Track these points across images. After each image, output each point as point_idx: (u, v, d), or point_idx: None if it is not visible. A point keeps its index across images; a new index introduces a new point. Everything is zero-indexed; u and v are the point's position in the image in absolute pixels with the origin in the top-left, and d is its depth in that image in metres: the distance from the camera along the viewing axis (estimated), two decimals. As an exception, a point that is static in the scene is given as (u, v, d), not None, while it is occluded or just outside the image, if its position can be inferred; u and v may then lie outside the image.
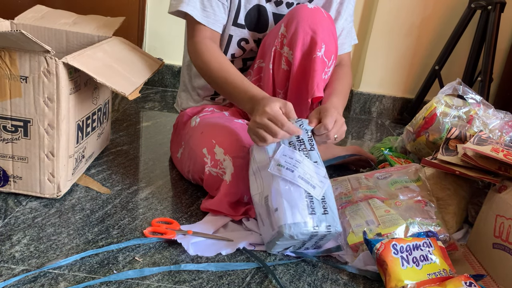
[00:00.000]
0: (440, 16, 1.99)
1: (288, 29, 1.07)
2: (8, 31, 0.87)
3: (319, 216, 0.87)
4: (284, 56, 1.10)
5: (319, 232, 0.87)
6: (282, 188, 0.89)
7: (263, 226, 0.94)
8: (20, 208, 0.99)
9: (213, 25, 1.10)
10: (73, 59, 0.96)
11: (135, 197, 1.10)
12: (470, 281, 0.83)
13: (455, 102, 1.32)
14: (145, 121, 1.64)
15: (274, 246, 0.91)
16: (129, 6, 1.93)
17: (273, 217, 0.88)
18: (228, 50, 1.18)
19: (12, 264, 0.82)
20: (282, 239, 0.88)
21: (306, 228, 0.86)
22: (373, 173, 1.10)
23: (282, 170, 0.90)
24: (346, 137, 1.81)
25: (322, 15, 1.07)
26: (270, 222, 0.89)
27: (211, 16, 1.10)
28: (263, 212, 0.93)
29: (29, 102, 0.96)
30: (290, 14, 1.08)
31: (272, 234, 0.89)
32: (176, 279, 0.84)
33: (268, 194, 0.91)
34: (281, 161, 0.91)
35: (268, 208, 0.90)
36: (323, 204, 0.89)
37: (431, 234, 0.94)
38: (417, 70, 2.07)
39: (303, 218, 0.86)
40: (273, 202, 0.89)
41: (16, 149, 0.99)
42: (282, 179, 0.90)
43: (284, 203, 0.87)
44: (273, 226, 0.88)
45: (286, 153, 0.93)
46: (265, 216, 0.92)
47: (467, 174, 1.02)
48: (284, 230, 0.85)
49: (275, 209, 0.88)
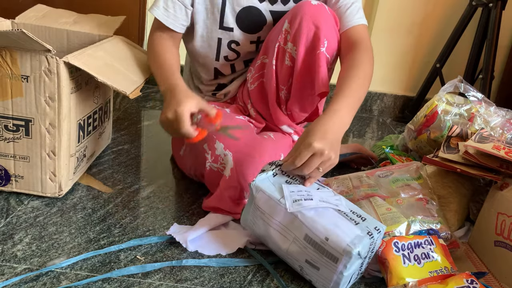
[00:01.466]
0: (441, 13, 1.99)
1: (292, 25, 1.08)
2: (9, 31, 0.87)
3: (362, 224, 0.83)
4: (288, 52, 1.10)
5: (374, 237, 0.82)
6: (315, 217, 0.82)
7: (318, 272, 0.83)
8: (22, 207, 1.00)
9: (172, 25, 1.14)
10: (74, 58, 0.96)
11: (137, 196, 1.11)
12: (472, 279, 0.83)
13: (457, 100, 1.32)
14: (146, 120, 1.64)
15: (339, 287, 0.82)
16: (130, 5, 1.93)
17: (328, 247, 0.80)
18: (220, 52, 1.19)
19: (14, 263, 0.82)
20: (349, 267, 0.80)
21: (365, 238, 0.80)
22: (374, 171, 1.10)
23: (302, 203, 0.84)
24: (347, 135, 1.81)
25: (326, 12, 1.07)
26: (327, 256, 0.81)
27: (171, 17, 1.13)
28: (312, 254, 0.83)
29: (30, 102, 0.96)
30: (293, 10, 1.09)
31: (337, 269, 0.80)
32: (178, 277, 0.84)
33: (306, 232, 0.82)
34: (295, 197, 0.85)
35: (316, 245, 0.82)
36: (355, 214, 0.85)
37: (433, 232, 0.94)
38: (418, 68, 2.07)
39: (355, 232, 0.81)
40: (319, 234, 0.81)
41: (17, 148, 0.99)
42: (307, 210, 0.83)
43: (330, 227, 0.81)
44: (334, 256, 0.80)
45: (293, 189, 0.87)
46: (317, 257, 0.82)
47: (468, 172, 1.02)
48: (352, 250, 0.78)
49: (325, 238, 0.80)
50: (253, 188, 0.89)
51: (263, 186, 0.88)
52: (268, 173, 0.91)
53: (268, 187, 0.88)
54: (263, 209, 0.88)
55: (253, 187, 0.89)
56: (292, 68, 1.11)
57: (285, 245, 0.86)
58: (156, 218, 1.02)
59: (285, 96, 1.16)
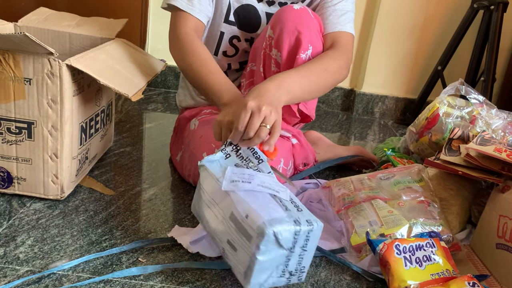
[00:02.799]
0: (443, 16, 1.99)
1: (274, 31, 1.07)
2: (12, 34, 0.87)
3: (294, 213, 0.76)
4: (273, 58, 1.09)
5: (302, 229, 0.74)
6: (245, 197, 0.77)
7: (236, 254, 0.77)
8: (24, 210, 1.00)
9: (198, 14, 1.09)
10: (76, 61, 0.96)
11: (138, 198, 1.11)
12: (474, 281, 0.83)
13: (458, 103, 1.32)
14: (148, 122, 1.65)
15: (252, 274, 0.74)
16: (132, 8, 1.93)
17: (246, 225, 0.74)
18: (220, 47, 1.19)
19: (17, 265, 0.82)
20: (263, 250, 0.72)
21: (287, 223, 0.73)
22: (376, 174, 1.10)
23: (238, 185, 0.80)
24: (349, 137, 1.82)
25: (309, 16, 1.06)
26: (244, 235, 0.75)
27: (196, 5, 1.09)
28: (233, 234, 0.77)
29: (32, 104, 0.97)
30: (276, 16, 1.08)
31: (251, 250, 0.73)
32: (180, 280, 0.84)
33: (232, 210, 0.77)
34: (234, 178, 0.81)
35: (237, 223, 0.76)
36: (293, 203, 0.79)
37: (434, 235, 0.94)
38: (420, 70, 2.07)
39: (278, 215, 0.74)
40: (241, 212, 0.75)
41: (20, 150, 1.00)
42: (242, 191, 0.78)
43: (254, 206, 0.75)
44: (249, 234, 0.74)
45: (236, 171, 0.83)
46: (237, 237, 0.77)
47: (470, 175, 1.02)
48: (265, 228, 0.71)
49: (245, 216, 0.74)
50: (199, 167, 0.87)
51: (209, 166, 0.85)
52: (219, 154, 0.87)
53: (214, 167, 0.85)
54: (204, 188, 0.85)
55: (200, 166, 0.87)
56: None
57: (214, 223, 0.82)
58: (158, 220, 1.02)
59: None
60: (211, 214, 0.83)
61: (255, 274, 0.74)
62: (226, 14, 1.14)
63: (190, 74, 1.05)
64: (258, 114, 0.83)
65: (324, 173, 1.37)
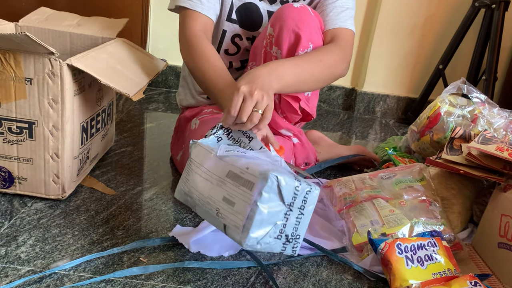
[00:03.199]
0: (444, 15, 1.99)
1: (274, 28, 1.07)
2: (13, 33, 0.87)
3: (292, 175, 0.75)
4: (274, 56, 1.09)
5: (301, 186, 0.74)
6: (242, 159, 0.77)
7: (233, 208, 0.75)
8: (26, 209, 1.00)
9: (207, 12, 1.09)
10: (77, 60, 0.96)
11: (140, 198, 1.11)
12: (475, 281, 0.83)
13: (460, 101, 1.32)
14: (149, 122, 1.65)
15: (252, 225, 0.72)
16: (133, 8, 1.93)
17: (246, 175, 0.74)
18: (221, 45, 1.19)
19: (18, 265, 0.83)
20: (265, 197, 0.71)
21: (289, 176, 0.73)
22: (377, 173, 1.10)
23: (231, 154, 0.80)
24: (350, 137, 1.81)
25: (308, 14, 1.06)
26: (244, 185, 0.74)
27: (205, 3, 1.09)
28: (231, 189, 0.76)
29: (33, 104, 0.97)
30: (276, 14, 1.08)
31: (252, 197, 0.72)
32: (181, 279, 0.84)
33: (229, 168, 0.77)
34: (228, 149, 0.81)
35: (235, 176, 0.75)
36: (290, 172, 0.79)
37: (436, 234, 0.94)
38: (421, 69, 2.07)
39: (281, 170, 0.74)
40: (240, 166, 0.75)
41: (21, 150, 1.00)
42: (237, 156, 0.79)
43: (255, 161, 0.75)
44: (250, 182, 0.72)
45: (229, 148, 0.83)
46: (234, 190, 0.75)
47: (471, 174, 1.01)
48: (269, 172, 0.70)
49: (245, 168, 0.74)
50: (191, 146, 0.86)
51: (202, 142, 0.85)
52: (211, 138, 0.87)
53: (206, 143, 0.85)
54: (195, 159, 0.84)
55: (191, 144, 0.86)
56: None
57: (206, 190, 0.80)
58: (159, 220, 1.02)
59: (278, 99, 1.15)
60: (204, 182, 0.81)
61: (254, 225, 0.72)
62: (228, 12, 1.15)
63: (197, 75, 1.05)
64: (250, 99, 0.83)
65: (325, 172, 1.37)
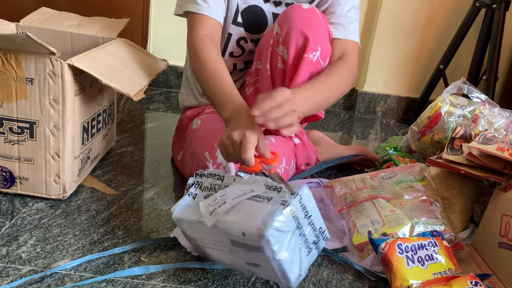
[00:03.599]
0: (445, 15, 1.99)
1: (282, 28, 1.06)
2: (14, 34, 0.87)
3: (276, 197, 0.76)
4: (280, 55, 1.09)
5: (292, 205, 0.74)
6: (229, 218, 0.76)
7: (261, 268, 0.78)
8: (27, 209, 1.00)
9: (215, 15, 1.08)
10: (78, 61, 0.96)
11: (140, 197, 1.11)
12: (476, 281, 0.83)
13: (460, 101, 1.32)
14: (150, 122, 1.65)
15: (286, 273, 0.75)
16: (133, 8, 1.93)
17: (249, 241, 0.74)
18: (227, 48, 1.19)
19: (19, 265, 0.83)
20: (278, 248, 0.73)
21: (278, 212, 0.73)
22: (378, 173, 1.10)
23: (217, 211, 0.78)
24: (350, 137, 1.81)
25: (316, 16, 1.06)
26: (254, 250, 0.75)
27: (212, 6, 1.08)
28: (245, 254, 0.78)
29: (35, 104, 0.97)
30: (284, 14, 1.08)
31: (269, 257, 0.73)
32: (182, 279, 0.84)
33: (229, 237, 0.77)
34: (210, 208, 0.79)
35: (241, 244, 0.76)
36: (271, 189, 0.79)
37: (436, 234, 0.94)
38: (422, 69, 2.07)
39: (266, 211, 0.74)
40: (236, 233, 0.75)
41: (22, 150, 1.00)
42: (224, 215, 0.77)
43: (242, 220, 0.75)
44: (257, 247, 0.74)
45: (207, 202, 0.81)
46: (250, 255, 0.77)
47: (472, 173, 1.01)
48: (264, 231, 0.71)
49: (242, 234, 0.74)
50: (175, 221, 0.85)
51: (183, 216, 0.84)
52: (186, 198, 0.87)
53: (189, 214, 0.83)
54: (193, 236, 0.85)
55: (175, 220, 0.85)
56: (285, 71, 1.10)
57: (225, 257, 0.82)
58: (160, 220, 1.02)
59: None
60: (218, 252, 0.83)
61: (289, 271, 0.75)
62: (234, 16, 1.14)
63: (199, 81, 1.05)
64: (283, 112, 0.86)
65: (326, 172, 1.37)
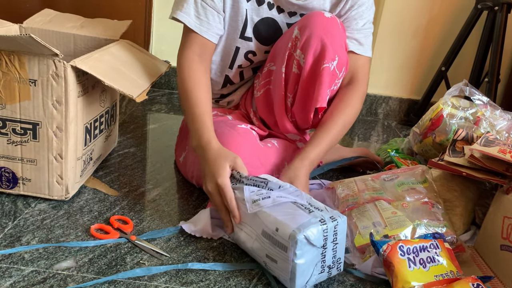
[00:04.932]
0: (447, 17, 1.99)
1: (302, 33, 1.06)
2: (18, 35, 0.88)
3: (318, 213, 0.83)
4: (296, 60, 1.08)
5: (328, 226, 0.81)
6: (271, 212, 0.84)
7: (277, 265, 0.84)
8: (29, 210, 1.00)
9: (206, 34, 1.08)
10: (81, 62, 0.97)
11: (143, 198, 1.11)
12: (478, 283, 0.83)
13: (462, 104, 1.32)
14: (152, 123, 1.65)
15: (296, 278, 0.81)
16: (136, 9, 1.94)
17: (278, 237, 0.82)
18: (235, 61, 1.18)
19: (22, 265, 0.83)
20: (300, 254, 0.79)
21: (315, 225, 0.80)
22: (379, 175, 1.10)
23: (260, 203, 0.86)
24: (352, 138, 1.82)
25: (337, 26, 1.06)
26: (279, 247, 0.82)
27: (204, 25, 1.08)
28: (269, 248, 0.85)
29: (38, 105, 0.97)
30: (305, 19, 1.07)
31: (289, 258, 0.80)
32: (184, 280, 0.84)
33: (262, 227, 0.85)
34: (254, 197, 0.88)
35: (270, 237, 0.84)
36: (313, 206, 0.86)
37: (438, 236, 0.94)
38: (424, 71, 2.07)
39: (304, 219, 0.81)
40: (270, 226, 0.83)
41: (25, 151, 1.00)
42: (266, 208, 0.86)
43: (280, 218, 0.83)
44: (283, 245, 0.81)
45: (253, 189, 0.90)
46: (273, 250, 0.84)
47: (474, 176, 1.01)
48: (296, 234, 0.78)
49: (275, 229, 0.82)
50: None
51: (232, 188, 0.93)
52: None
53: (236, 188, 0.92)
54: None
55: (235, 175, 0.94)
56: (299, 76, 1.09)
57: (249, 243, 0.89)
58: (162, 221, 1.02)
59: (291, 104, 1.14)
60: (245, 235, 0.90)
61: (298, 276, 0.82)
62: (242, 30, 1.13)
63: (180, 97, 1.10)
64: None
65: (328, 174, 1.37)
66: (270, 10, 1.12)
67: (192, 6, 1.07)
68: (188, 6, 1.07)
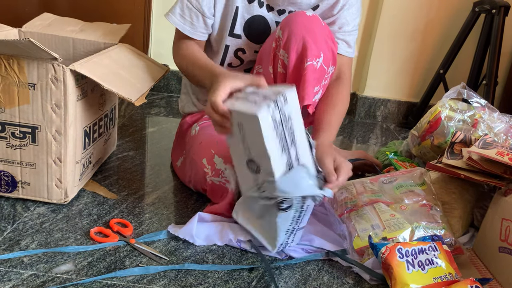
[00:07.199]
0: (445, 20, 2.00)
1: (283, 32, 1.06)
2: (17, 39, 0.88)
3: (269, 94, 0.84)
4: (280, 59, 1.09)
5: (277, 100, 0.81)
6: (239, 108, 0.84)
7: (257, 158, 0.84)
8: (28, 214, 1.00)
9: (189, 33, 1.13)
10: (80, 66, 0.97)
11: (142, 202, 1.11)
12: (476, 285, 0.83)
13: (460, 106, 1.32)
14: (151, 126, 1.65)
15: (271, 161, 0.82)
16: (135, 13, 1.94)
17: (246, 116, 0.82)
18: (225, 59, 1.19)
19: (21, 269, 0.83)
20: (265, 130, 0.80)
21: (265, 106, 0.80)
22: (378, 177, 1.11)
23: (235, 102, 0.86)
24: (351, 141, 1.82)
25: (319, 23, 1.06)
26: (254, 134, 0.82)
27: (187, 24, 1.13)
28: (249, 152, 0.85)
29: (37, 109, 0.97)
30: (286, 19, 1.08)
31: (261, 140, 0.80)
32: (183, 283, 0.85)
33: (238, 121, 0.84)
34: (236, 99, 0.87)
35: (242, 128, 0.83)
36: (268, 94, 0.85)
37: (437, 238, 0.94)
38: (422, 74, 2.07)
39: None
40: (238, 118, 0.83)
41: (24, 155, 1.00)
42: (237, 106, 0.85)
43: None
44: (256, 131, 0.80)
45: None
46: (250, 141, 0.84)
47: (472, 178, 1.02)
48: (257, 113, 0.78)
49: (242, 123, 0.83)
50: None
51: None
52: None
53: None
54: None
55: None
56: (285, 76, 1.10)
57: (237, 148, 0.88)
58: (161, 224, 1.02)
59: None
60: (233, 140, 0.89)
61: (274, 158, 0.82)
62: (231, 28, 1.15)
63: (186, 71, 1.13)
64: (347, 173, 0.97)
65: (326, 176, 1.37)
66: (260, 8, 1.14)
67: (179, 6, 1.12)
68: (176, 6, 1.13)
